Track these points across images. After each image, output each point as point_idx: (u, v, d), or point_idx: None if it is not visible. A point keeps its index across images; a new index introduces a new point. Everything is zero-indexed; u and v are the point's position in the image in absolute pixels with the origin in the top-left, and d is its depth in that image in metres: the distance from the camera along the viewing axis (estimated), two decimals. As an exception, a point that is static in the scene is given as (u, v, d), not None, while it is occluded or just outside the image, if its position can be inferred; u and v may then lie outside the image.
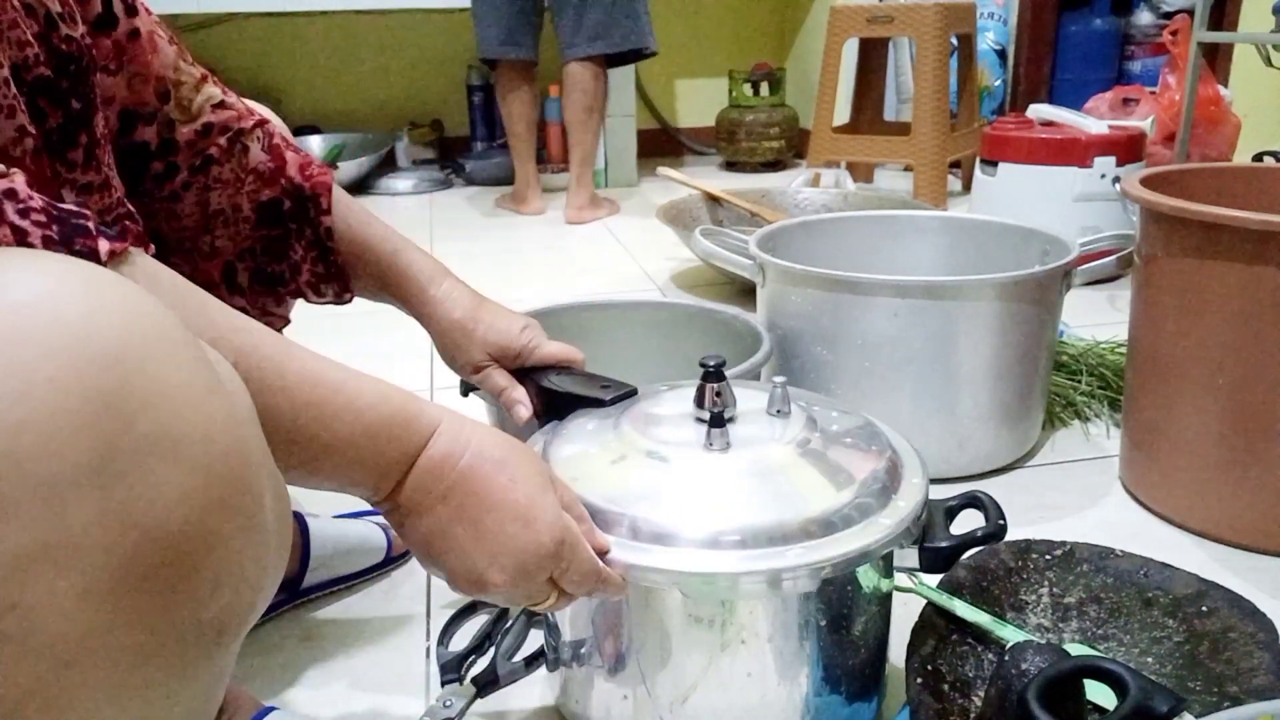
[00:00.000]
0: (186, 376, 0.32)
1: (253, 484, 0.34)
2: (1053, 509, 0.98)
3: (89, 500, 0.28)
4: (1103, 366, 1.22)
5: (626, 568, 0.56)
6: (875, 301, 0.97)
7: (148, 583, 0.30)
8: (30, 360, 0.28)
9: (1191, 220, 0.84)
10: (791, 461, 0.61)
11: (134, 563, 0.30)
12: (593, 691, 0.63)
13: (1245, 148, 2.14)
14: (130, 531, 0.29)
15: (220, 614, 0.35)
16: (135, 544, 0.30)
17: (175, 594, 0.32)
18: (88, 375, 0.28)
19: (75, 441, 0.28)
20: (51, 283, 0.30)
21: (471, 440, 0.52)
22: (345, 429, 0.47)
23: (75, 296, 0.30)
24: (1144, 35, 2.91)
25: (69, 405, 0.28)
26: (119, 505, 0.29)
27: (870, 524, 0.58)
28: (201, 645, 0.35)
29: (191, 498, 0.31)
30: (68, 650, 0.29)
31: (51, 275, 0.30)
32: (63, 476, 0.28)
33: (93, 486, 0.28)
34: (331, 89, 3.20)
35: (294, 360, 0.45)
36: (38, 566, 0.28)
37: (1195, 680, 0.64)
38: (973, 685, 0.66)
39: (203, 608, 0.34)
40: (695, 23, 3.40)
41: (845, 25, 2.39)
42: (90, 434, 0.28)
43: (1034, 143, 1.80)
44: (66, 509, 0.28)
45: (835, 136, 2.44)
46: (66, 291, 0.30)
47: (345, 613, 0.82)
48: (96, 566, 0.29)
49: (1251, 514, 0.88)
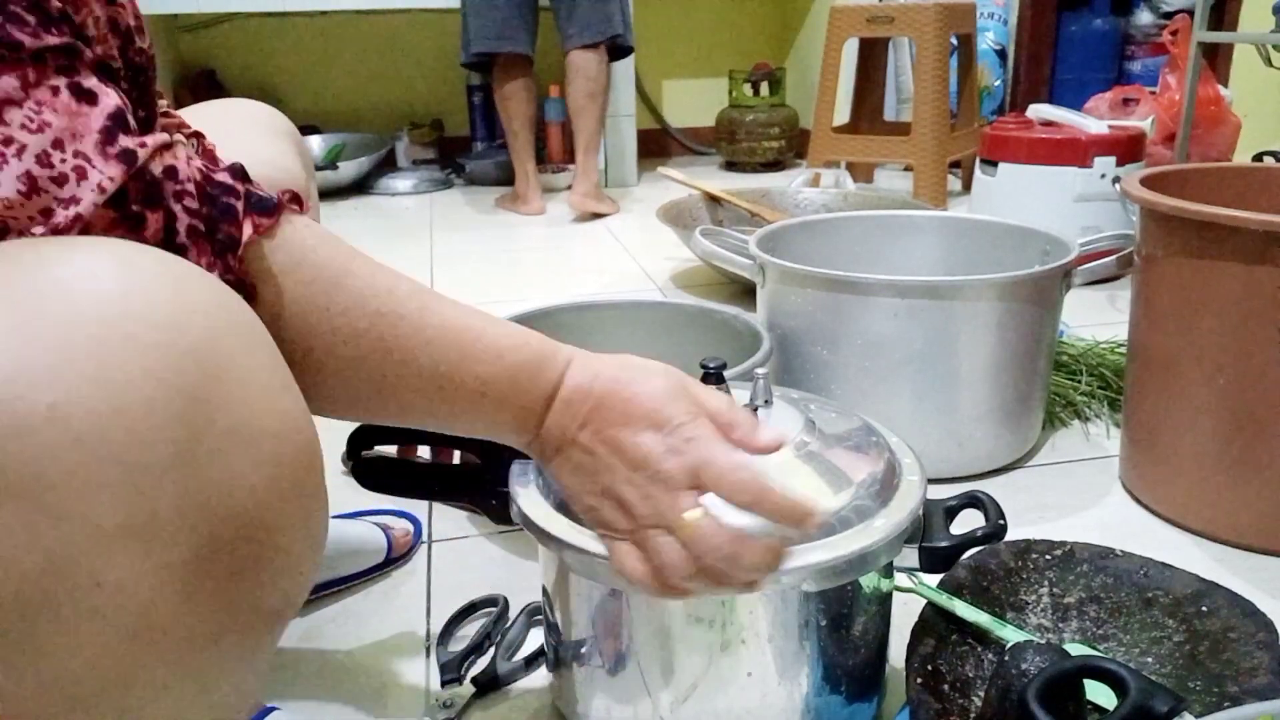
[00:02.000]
0: (265, 376, 0.34)
1: (317, 479, 0.36)
2: (1053, 509, 0.98)
3: (172, 484, 0.30)
4: (1103, 366, 1.22)
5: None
6: (875, 301, 0.97)
7: (221, 566, 0.32)
8: (127, 353, 0.30)
9: (1191, 220, 0.84)
10: (789, 463, 0.61)
11: (210, 546, 0.32)
12: (593, 691, 0.63)
13: (1245, 148, 2.14)
14: (209, 516, 0.31)
15: (279, 600, 0.37)
16: (212, 527, 0.31)
17: (244, 578, 0.34)
18: (177, 369, 0.30)
19: (164, 430, 0.30)
20: (145, 280, 0.32)
21: (601, 368, 0.53)
22: (489, 373, 0.49)
23: (166, 295, 0.32)
24: (1144, 35, 2.91)
25: (160, 396, 0.30)
26: (199, 490, 0.31)
27: (868, 526, 0.58)
28: (263, 628, 0.37)
29: (265, 487, 0.33)
30: (142, 626, 0.31)
31: (145, 272, 0.32)
32: (151, 461, 0.30)
33: (177, 472, 0.30)
34: (331, 89, 3.20)
35: (432, 315, 0.47)
36: (124, 543, 0.30)
37: (1195, 680, 0.64)
38: (973, 685, 0.66)
39: (267, 593, 0.35)
40: (695, 23, 3.40)
41: (845, 25, 2.39)
42: (177, 423, 0.30)
43: (1034, 143, 1.80)
44: (152, 491, 0.30)
45: (835, 136, 2.44)
46: (159, 287, 0.32)
47: (345, 613, 0.82)
48: (176, 547, 0.31)
49: (1251, 514, 0.88)
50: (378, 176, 2.89)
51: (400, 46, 3.20)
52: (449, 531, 0.94)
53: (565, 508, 0.59)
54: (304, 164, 0.83)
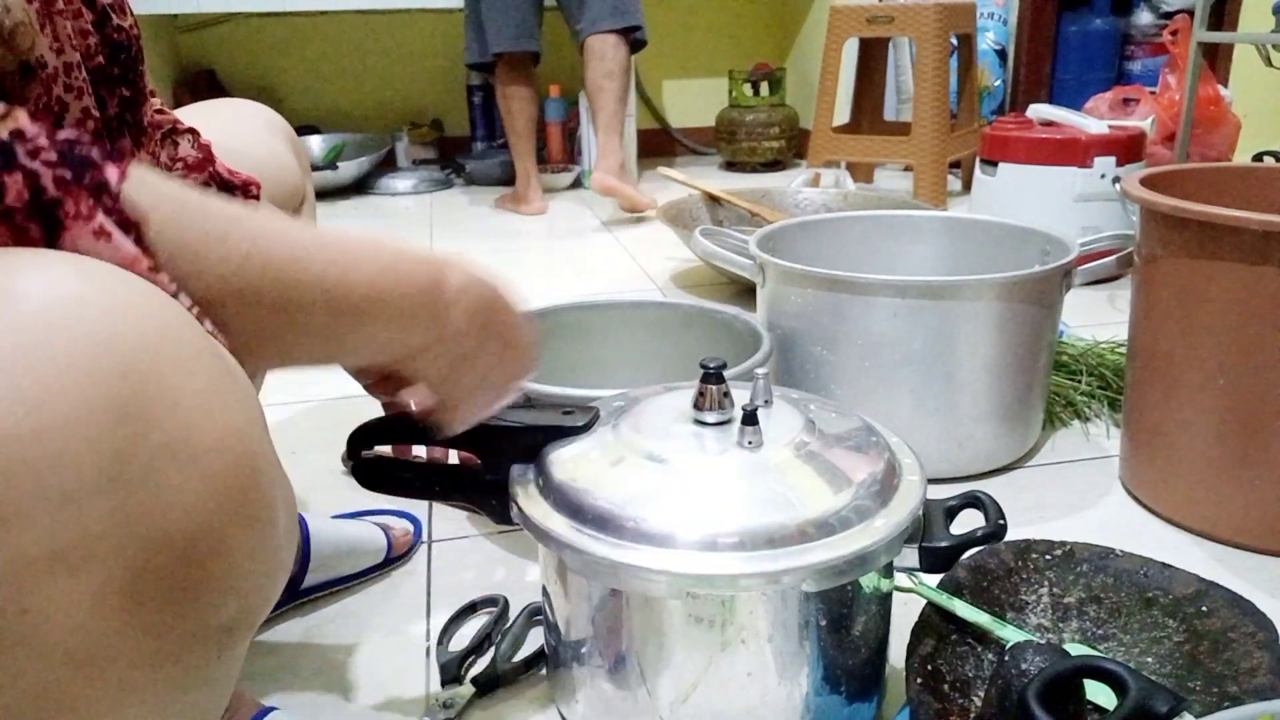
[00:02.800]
0: (201, 385, 0.32)
1: (264, 491, 0.34)
2: (1053, 509, 0.98)
3: (102, 507, 0.29)
4: (1103, 366, 1.22)
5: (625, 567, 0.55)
6: (875, 301, 0.97)
7: (160, 588, 0.31)
8: (48, 370, 0.28)
9: (1191, 220, 0.84)
10: (789, 463, 0.61)
11: (146, 569, 0.30)
12: (593, 692, 0.63)
13: (1245, 148, 2.14)
14: (143, 538, 0.30)
15: (230, 618, 0.35)
16: (147, 550, 0.30)
17: (187, 599, 0.32)
18: (104, 385, 0.29)
19: (90, 451, 0.28)
20: (71, 287, 0.30)
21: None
22: (371, 273, 0.46)
23: (93, 304, 0.30)
24: (1144, 35, 2.91)
25: (84, 415, 0.28)
26: (132, 512, 0.29)
27: (868, 525, 0.58)
28: (212, 648, 0.35)
29: (203, 505, 0.32)
30: (80, 653, 0.30)
31: (70, 279, 0.30)
32: (77, 485, 0.28)
33: (106, 494, 0.29)
34: (331, 89, 3.20)
35: (299, 231, 0.45)
36: (51, 571, 0.28)
37: (1195, 680, 0.64)
38: (973, 685, 0.66)
39: (213, 612, 0.34)
40: (695, 22, 3.40)
41: (845, 25, 2.39)
42: (105, 443, 0.28)
43: (1034, 143, 1.80)
44: (80, 516, 0.28)
45: (835, 136, 2.44)
46: (85, 298, 0.30)
47: (345, 613, 0.82)
48: (109, 572, 0.29)
49: (1251, 514, 0.88)
50: (378, 176, 2.89)
51: (400, 46, 3.20)
52: (449, 531, 0.95)
53: (565, 507, 0.59)
54: (300, 163, 0.83)
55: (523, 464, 0.64)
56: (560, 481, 0.61)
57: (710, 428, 0.63)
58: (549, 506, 0.60)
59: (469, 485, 0.67)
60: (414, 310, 0.48)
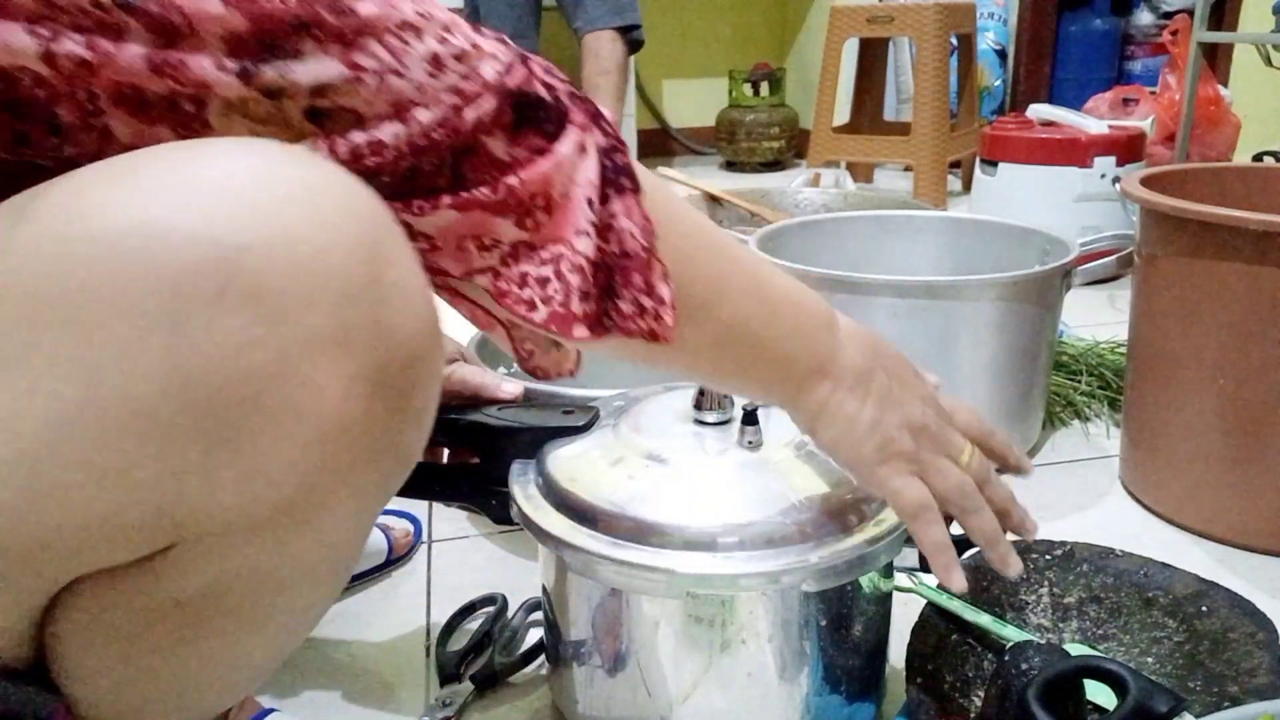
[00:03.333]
0: (408, 254, 0.39)
1: (441, 335, 0.41)
2: (1053, 509, 0.98)
3: (363, 312, 0.36)
4: (1103, 366, 1.22)
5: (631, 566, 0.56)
6: (875, 301, 0.97)
7: (390, 386, 0.38)
8: (331, 206, 0.36)
9: (1191, 220, 0.84)
10: (789, 463, 0.61)
11: (386, 367, 0.37)
12: (593, 691, 0.63)
13: (1245, 148, 2.14)
14: (385, 342, 0.37)
15: (414, 444, 0.41)
16: (388, 353, 0.37)
17: (402, 402, 0.39)
18: (366, 229, 0.37)
19: (357, 267, 0.36)
20: (330, 167, 0.37)
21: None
22: (795, 287, 0.53)
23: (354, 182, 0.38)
24: (1144, 35, 2.91)
25: (353, 242, 0.36)
26: (379, 321, 0.37)
27: (868, 525, 0.58)
28: (402, 467, 0.42)
29: (419, 329, 0.39)
30: (330, 429, 0.36)
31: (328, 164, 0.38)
32: (347, 289, 0.35)
33: (364, 303, 0.36)
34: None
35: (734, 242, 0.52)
36: (326, 352, 0.35)
37: (1195, 680, 0.64)
38: (973, 685, 0.66)
39: (411, 428, 0.40)
40: (695, 22, 3.40)
41: (845, 25, 2.39)
42: (365, 266, 0.36)
43: (1034, 143, 1.80)
44: (348, 313, 0.36)
45: (835, 136, 2.45)
46: (350, 180, 0.38)
47: (345, 613, 0.82)
48: (361, 362, 0.36)
49: (1251, 514, 0.88)
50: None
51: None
52: (449, 531, 0.94)
53: (565, 507, 0.59)
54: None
55: (523, 464, 0.64)
56: (560, 481, 0.61)
57: (710, 427, 0.63)
58: (549, 506, 0.60)
59: (469, 485, 0.67)
60: (814, 330, 0.53)
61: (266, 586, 0.41)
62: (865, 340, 0.56)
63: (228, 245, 0.33)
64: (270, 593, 0.41)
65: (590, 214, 0.43)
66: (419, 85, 0.38)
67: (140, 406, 0.34)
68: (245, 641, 0.44)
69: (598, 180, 0.43)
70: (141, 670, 0.43)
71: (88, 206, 0.34)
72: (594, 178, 0.43)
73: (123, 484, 0.34)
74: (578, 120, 0.42)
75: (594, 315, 0.44)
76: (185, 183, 0.34)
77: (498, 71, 0.40)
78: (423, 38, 0.38)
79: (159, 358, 0.33)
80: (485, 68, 0.39)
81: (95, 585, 0.40)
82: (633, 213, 0.45)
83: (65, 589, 0.40)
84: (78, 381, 0.33)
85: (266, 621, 0.44)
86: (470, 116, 0.39)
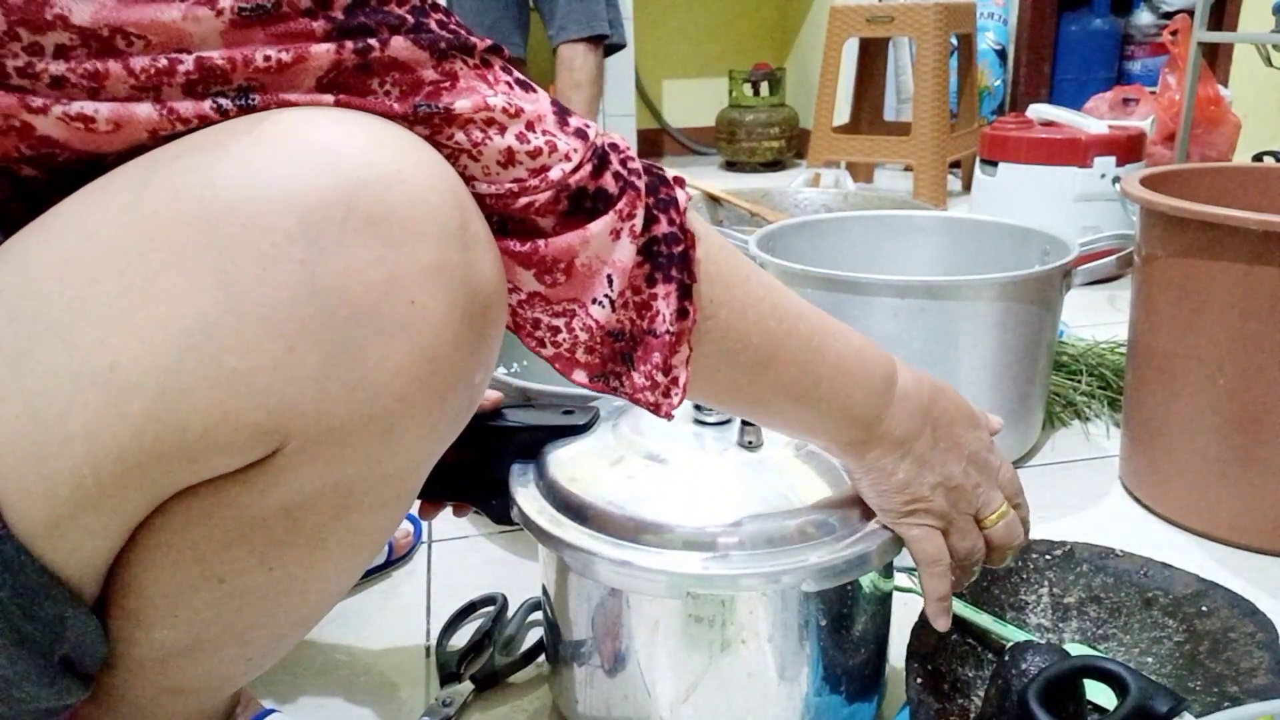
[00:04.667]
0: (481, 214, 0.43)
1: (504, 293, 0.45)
2: (1053, 509, 0.98)
3: (456, 251, 0.41)
4: (1103, 366, 1.22)
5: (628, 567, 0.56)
6: (875, 301, 0.97)
7: (474, 321, 0.42)
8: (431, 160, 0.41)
9: (1191, 220, 0.84)
10: (789, 463, 0.61)
11: (473, 301, 0.41)
12: (593, 691, 0.63)
13: (1245, 148, 2.14)
14: (474, 280, 0.41)
15: (481, 385, 0.45)
16: (476, 288, 0.41)
17: (479, 344, 0.43)
18: (455, 188, 0.42)
19: (452, 214, 0.41)
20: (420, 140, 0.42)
21: (915, 371, 0.58)
22: (845, 350, 0.54)
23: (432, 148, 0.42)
24: (1144, 35, 2.91)
25: (451, 191, 0.41)
26: (467, 261, 0.41)
27: (868, 525, 0.58)
28: (469, 405, 0.45)
29: (496, 278, 0.43)
30: (431, 349, 0.40)
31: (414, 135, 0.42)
32: (448, 227, 0.40)
33: (457, 244, 0.41)
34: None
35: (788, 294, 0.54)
36: (431, 277, 0.40)
37: (1195, 680, 0.64)
38: (973, 685, 0.66)
39: (481, 368, 0.44)
40: (695, 22, 3.40)
41: (845, 25, 2.39)
42: (457, 214, 0.41)
43: (1034, 143, 1.80)
44: (448, 249, 0.40)
45: (835, 136, 2.45)
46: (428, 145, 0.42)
47: (345, 613, 0.82)
48: (455, 295, 0.40)
49: (1251, 514, 0.88)
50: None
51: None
52: (449, 531, 0.95)
53: (565, 507, 0.59)
54: None
55: (523, 464, 0.64)
56: (560, 481, 0.61)
57: (710, 427, 0.63)
58: (549, 506, 0.60)
59: (469, 485, 0.67)
60: (864, 400, 0.54)
61: (343, 504, 0.44)
62: (922, 398, 0.57)
63: (351, 179, 0.38)
64: (344, 511, 0.44)
65: (608, 289, 0.46)
66: (485, 168, 0.43)
67: (272, 314, 0.37)
68: (314, 567, 0.47)
69: (629, 263, 0.46)
70: (212, 599, 0.45)
71: (225, 152, 0.38)
72: (624, 260, 0.46)
73: (248, 387, 0.38)
74: (622, 209, 0.46)
75: (596, 368, 0.49)
76: (309, 133, 0.39)
77: (565, 171, 0.44)
78: (504, 133, 0.43)
79: (293, 270, 0.37)
80: (554, 167, 0.44)
81: (184, 501, 0.41)
82: (671, 298, 0.47)
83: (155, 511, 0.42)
84: (218, 290, 0.37)
85: (336, 546, 0.46)
86: (523, 201, 0.44)
